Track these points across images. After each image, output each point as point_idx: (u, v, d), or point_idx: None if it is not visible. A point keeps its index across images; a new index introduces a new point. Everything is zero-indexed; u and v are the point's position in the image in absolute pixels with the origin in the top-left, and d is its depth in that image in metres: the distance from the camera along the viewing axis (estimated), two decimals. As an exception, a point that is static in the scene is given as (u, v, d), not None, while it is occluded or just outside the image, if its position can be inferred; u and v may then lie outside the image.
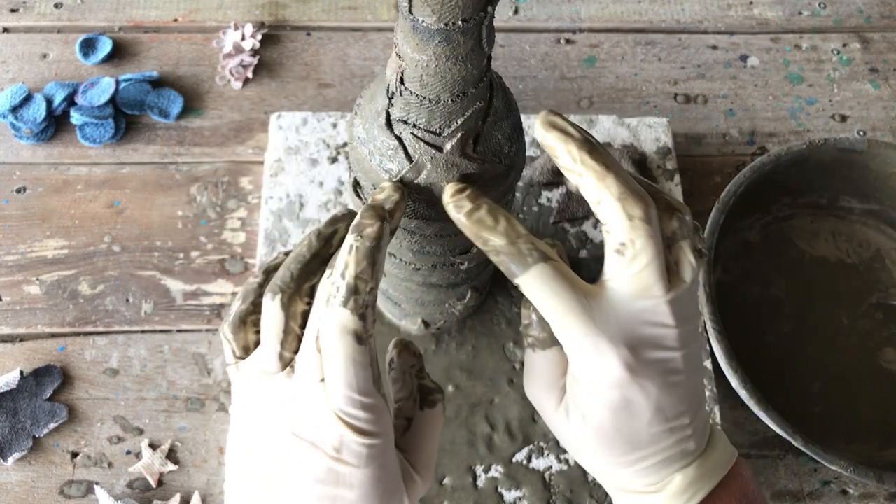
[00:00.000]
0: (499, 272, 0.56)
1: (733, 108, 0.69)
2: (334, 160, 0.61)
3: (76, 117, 0.62)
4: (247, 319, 0.33)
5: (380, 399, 0.31)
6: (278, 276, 0.32)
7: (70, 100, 0.64)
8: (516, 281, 0.31)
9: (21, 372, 0.54)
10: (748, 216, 0.60)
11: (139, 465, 0.52)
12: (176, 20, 0.70)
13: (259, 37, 0.68)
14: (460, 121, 0.32)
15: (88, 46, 0.67)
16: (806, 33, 0.74)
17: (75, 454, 0.53)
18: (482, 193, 0.33)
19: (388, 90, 0.33)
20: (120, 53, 0.68)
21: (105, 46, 0.67)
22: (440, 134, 0.32)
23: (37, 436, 0.53)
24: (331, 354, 0.30)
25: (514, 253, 0.31)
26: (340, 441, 0.30)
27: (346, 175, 0.60)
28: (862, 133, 0.69)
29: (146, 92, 0.65)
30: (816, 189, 0.61)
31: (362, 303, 0.29)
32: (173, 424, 0.54)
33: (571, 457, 0.52)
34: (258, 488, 0.31)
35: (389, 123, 0.33)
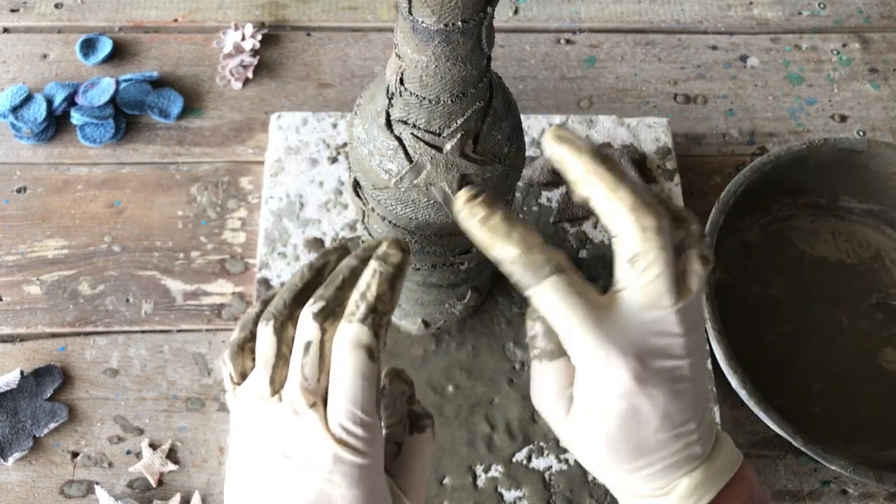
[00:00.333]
0: (499, 273, 0.56)
1: (733, 109, 0.69)
2: (334, 160, 0.61)
3: (76, 117, 0.62)
4: (244, 346, 0.33)
5: (377, 420, 0.31)
6: (272, 304, 0.33)
7: (70, 100, 0.64)
8: (529, 292, 0.31)
9: (21, 372, 0.54)
10: (748, 216, 0.60)
11: (139, 465, 0.52)
12: (176, 20, 0.70)
13: (259, 37, 0.68)
14: (460, 121, 0.32)
15: (89, 46, 0.67)
16: (806, 33, 0.74)
17: (75, 454, 0.53)
18: (496, 200, 0.32)
19: (388, 91, 0.33)
20: (120, 53, 0.68)
21: (105, 46, 0.67)
22: (440, 134, 0.32)
23: (37, 436, 0.53)
24: (340, 367, 0.30)
25: (529, 264, 0.31)
26: (333, 461, 0.30)
27: (347, 175, 0.60)
28: (862, 133, 0.69)
29: (146, 92, 0.65)
30: (816, 189, 0.61)
31: (379, 322, 0.30)
32: (173, 424, 0.54)
33: (571, 457, 0.52)
34: None
35: (389, 124, 0.33)
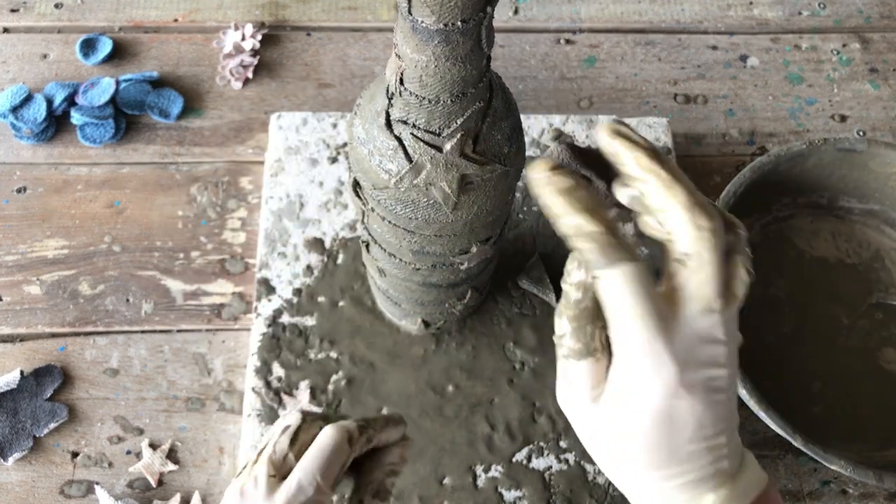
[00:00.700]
0: (498, 272, 0.56)
1: (733, 109, 0.69)
2: (334, 160, 0.61)
3: (76, 117, 0.62)
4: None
5: (328, 495, 0.34)
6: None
7: (70, 100, 0.64)
8: (597, 272, 0.29)
9: (21, 372, 0.54)
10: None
11: (139, 465, 0.52)
12: (176, 20, 0.70)
13: (259, 37, 0.68)
14: (459, 121, 0.32)
15: (89, 46, 0.67)
16: (806, 33, 0.74)
17: (75, 454, 0.53)
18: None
19: (388, 91, 0.33)
20: (120, 53, 0.68)
21: (105, 47, 0.67)
22: (440, 134, 0.32)
23: (37, 436, 0.53)
24: (315, 441, 0.35)
25: (607, 244, 0.29)
26: None
27: (347, 175, 0.60)
28: (861, 133, 0.69)
29: (146, 92, 0.65)
30: (816, 189, 0.61)
31: (368, 435, 0.37)
32: (173, 424, 0.54)
33: (571, 457, 0.52)
34: None
35: (389, 124, 0.33)
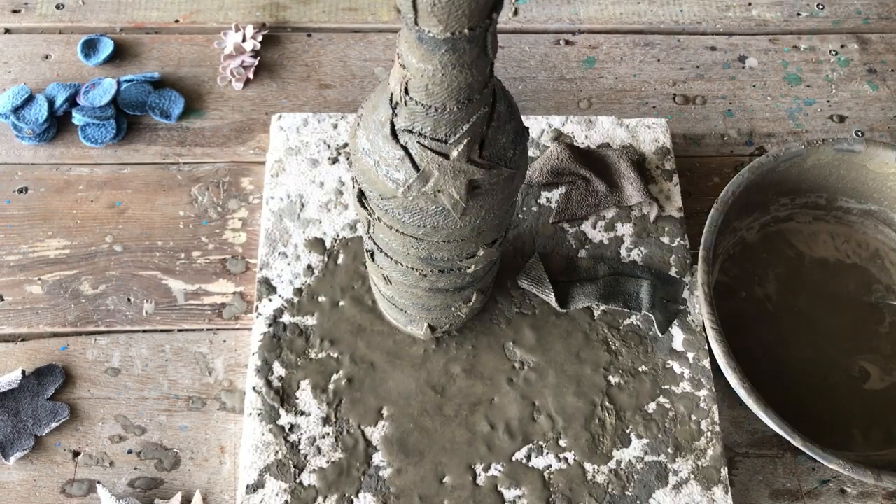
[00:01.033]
0: (498, 272, 0.56)
1: (732, 109, 0.69)
2: (335, 161, 0.61)
3: (78, 118, 0.63)
4: None
5: None
6: None
7: (72, 100, 0.64)
8: None
9: (23, 371, 0.54)
10: (747, 217, 0.61)
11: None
12: (177, 21, 0.70)
13: (260, 38, 0.69)
14: (466, 127, 0.32)
15: (90, 47, 0.67)
16: (804, 34, 0.74)
17: (77, 453, 0.53)
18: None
19: (392, 100, 0.33)
20: (121, 54, 0.68)
21: (106, 47, 0.67)
22: (446, 141, 0.32)
23: (38, 435, 0.53)
24: None
25: None
26: None
27: (347, 175, 0.61)
28: (860, 134, 0.69)
29: (147, 93, 0.65)
30: (815, 189, 0.62)
31: None
32: (175, 424, 0.54)
33: (571, 455, 0.52)
34: None
35: (394, 133, 0.33)
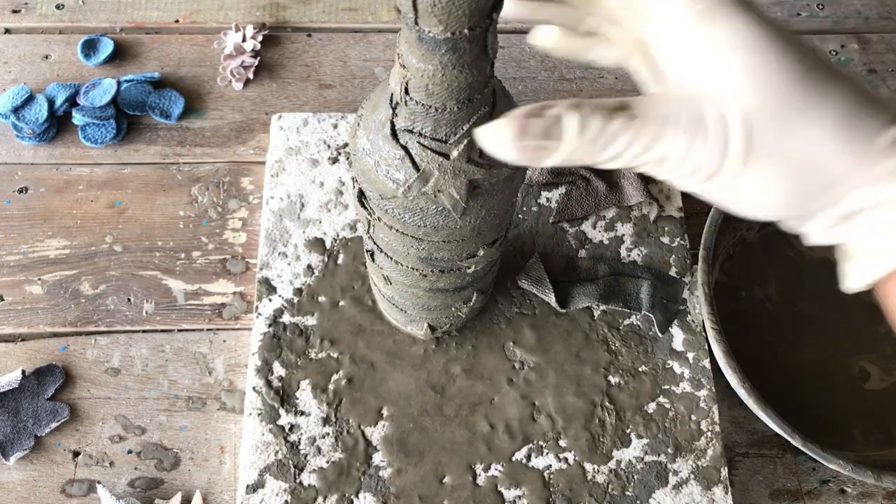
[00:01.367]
0: (498, 272, 0.56)
1: (732, 109, 0.69)
2: (335, 160, 0.61)
3: (78, 118, 0.63)
4: None
5: None
6: None
7: (72, 100, 0.64)
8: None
9: (23, 371, 0.54)
10: (746, 217, 0.61)
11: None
12: (177, 21, 0.70)
13: (260, 38, 0.69)
14: (466, 127, 0.32)
15: (90, 47, 0.67)
16: (804, 34, 0.74)
17: (77, 453, 0.53)
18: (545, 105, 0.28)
19: (392, 100, 0.33)
20: (121, 54, 0.68)
21: (106, 47, 0.67)
22: (446, 141, 0.33)
23: (38, 435, 0.53)
24: None
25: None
26: None
27: (347, 175, 0.61)
28: (860, 134, 0.69)
29: (147, 93, 0.65)
30: (815, 189, 0.62)
31: None
32: (175, 424, 0.54)
33: (571, 455, 0.52)
34: None
35: (394, 133, 0.33)
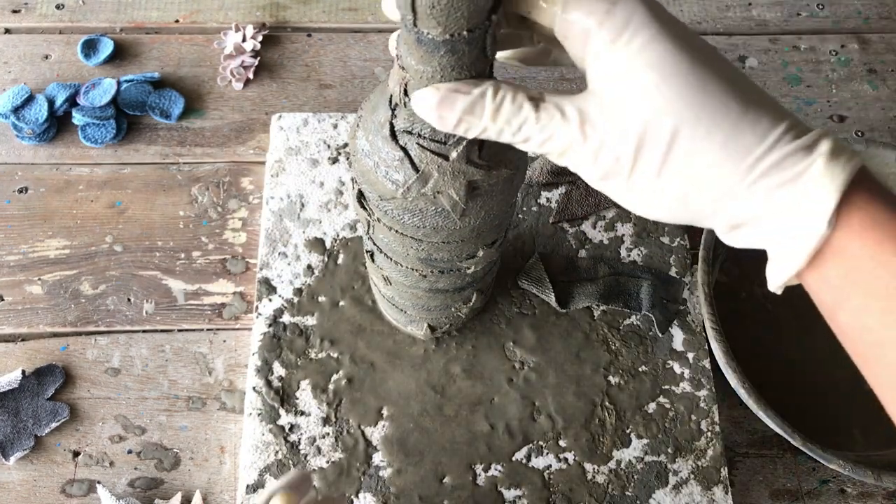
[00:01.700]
0: (498, 273, 0.56)
1: (732, 109, 0.69)
2: (335, 160, 0.61)
3: (78, 118, 0.63)
4: None
5: None
6: None
7: (72, 100, 0.64)
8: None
9: (23, 371, 0.54)
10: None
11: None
12: (177, 21, 0.70)
13: (260, 38, 0.69)
14: None
15: (90, 47, 0.67)
16: (804, 34, 0.74)
17: (77, 453, 0.53)
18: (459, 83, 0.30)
19: (391, 101, 0.33)
20: (121, 54, 0.68)
21: (106, 47, 0.67)
22: (445, 143, 0.33)
23: (38, 435, 0.53)
24: None
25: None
26: None
27: (347, 175, 0.61)
28: (860, 134, 0.69)
29: (147, 93, 0.65)
30: (815, 189, 0.62)
31: None
32: (174, 424, 0.54)
33: (571, 455, 0.52)
34: None
35: (394, 134, 0.33)
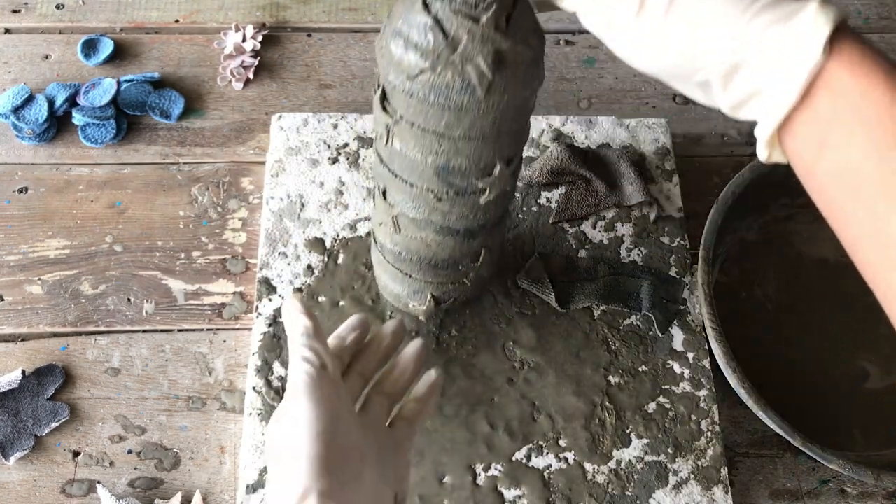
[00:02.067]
0: (501, 273, 0.56)
1: (732, 109, 0.69)
2: (335, 161, 0.61)
3: (78, 118, 0.63)
4: None
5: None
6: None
7: (72, 100, 0.64)
8: None
9: (23, 371, 0.54)
10: (747, 217, 0.61)
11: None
12: (177, 21, 0.70)
13: (260, 38, 0.69)
14: None
15: (90, 47, 0.67)
16: (804, 35, 0.74)
17: (77, 453, 0.53)
18: None
19: None
20: (121, 54, 0.68)
21: (106, 47, 0.67)
22: (476, 7, 0.34)
23: (38, 435, 0.53)
24: None
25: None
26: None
27: (347, 175, 0.61)
28: (860, 134, 0.69)
29: (147, 93, 0.65)
30: (815, 189, 0.62)
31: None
32: (174, 424, 0.54)
33: (571, 455, 0.52)
34: None
35: (425, 4, 0.35)
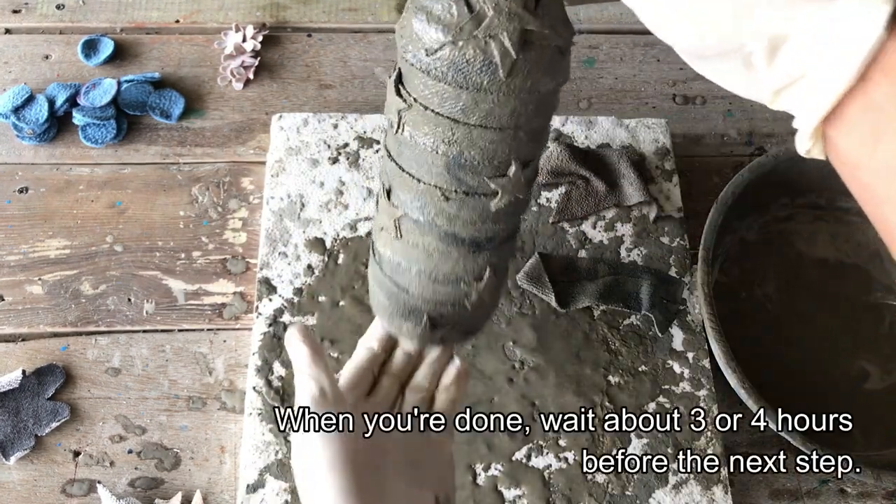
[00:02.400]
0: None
1: (732, 109, 0.69)
2: (335, 161, 0.61)
3: (78, 118, 0.63)
4: None
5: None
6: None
7: (72, 100, 0.64)
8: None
9: (23, 371, 0.54)
10: (746, 217, 0.61)
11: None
12: (177, 21, 0.70)
13: (260, 38, 0.69)
14: None
15: (90, 47, 0.68)
16: (804, 35, 0.74)
17: (77, 453, 0.53)
18: None
19: None
20: (121, 54, 0.68)
21: (107, 47, 0.67)
22: None
23: (39, 435, 0.53)
24: None
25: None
26: None
27: (347, 175, 0.61)
28: (860, 134, 0.69)
29: (148, 93, 0.65)
30: (815, 189, 0.62)
31: None
32: (175, 424, 0.54)
33: (571, 455, 0.52)
34: None
35: None
